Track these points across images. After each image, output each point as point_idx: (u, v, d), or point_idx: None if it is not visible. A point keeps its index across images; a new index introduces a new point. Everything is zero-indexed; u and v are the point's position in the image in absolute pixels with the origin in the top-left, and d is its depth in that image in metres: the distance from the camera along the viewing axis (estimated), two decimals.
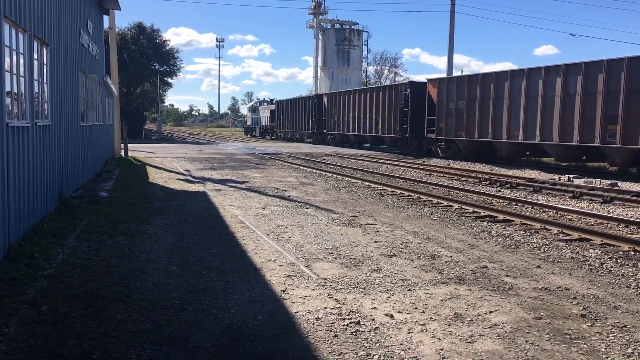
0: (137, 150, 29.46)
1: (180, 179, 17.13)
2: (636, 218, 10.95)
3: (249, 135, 64.73)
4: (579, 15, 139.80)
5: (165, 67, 53.63)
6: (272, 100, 61.13)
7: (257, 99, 67.65)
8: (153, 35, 51.75)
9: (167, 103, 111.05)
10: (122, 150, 25.63)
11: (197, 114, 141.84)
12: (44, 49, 9.79)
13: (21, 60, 8.15)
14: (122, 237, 8.38)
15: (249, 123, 67.13)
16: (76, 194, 12.30)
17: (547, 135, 21.06)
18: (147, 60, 50.76)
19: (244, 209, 11.57)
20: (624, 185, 16.20)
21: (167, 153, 29.39)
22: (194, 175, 18.56)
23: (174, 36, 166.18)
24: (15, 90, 7.81)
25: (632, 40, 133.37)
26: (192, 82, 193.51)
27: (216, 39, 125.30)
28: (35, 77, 9.01)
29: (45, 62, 9.84)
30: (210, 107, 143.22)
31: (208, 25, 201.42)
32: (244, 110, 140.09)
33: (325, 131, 40.99)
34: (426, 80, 29.01)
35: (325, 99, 41.33)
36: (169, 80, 57.20)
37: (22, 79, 8.18)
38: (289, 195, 13.74)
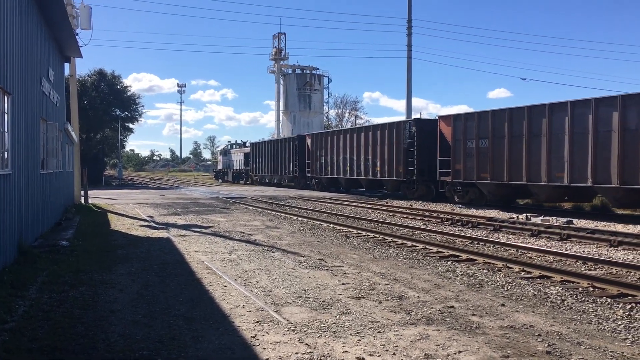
0: (98, 197, 28.95)
1: (143, 226, 16.89)
2: (592, 255, 11.32)
3: (219, 180, 61.75)
4: (530, 60, 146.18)
5: (127, 113, 53.30)
6: (244, 142, 59.26)
7: (229, 142, 64.24)
8: (114, 81, 51.61)
9: (127, 148, 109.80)
10: (82, 197, 25.15)
11: (158, 158, 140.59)
12: (6, 97, 9.70)
13: None
14: (85, 287, 8.20)
15: (220, 167, 63.63)
16: (36, 243, 11.99)
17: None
18: (108, 106, 50.42)
19: (210, 254, 11.48)
20: (579, 223, 16.74)
21: (129, 199, 28.94)
22: (157, 221, 18.32)
23: (135, 81, 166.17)
24: None
25: (577, 83, 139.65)
26: (154, 127, 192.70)
27: (177, 84, 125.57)
28: None
29: (6, 111, 9.74)
30: (172, 151, 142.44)
31: (170, 71, 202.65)
32: (206, 154, 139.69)
33: (309, 175, 38.05)
34: (437, 117, 25.85)
35: (308, 140, 38.31)
36: (130, 125, 56.78)
37: None
38: (255, 239, 13.70)
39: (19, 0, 10.73)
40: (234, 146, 60.54)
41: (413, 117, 39.71)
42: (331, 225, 16.88)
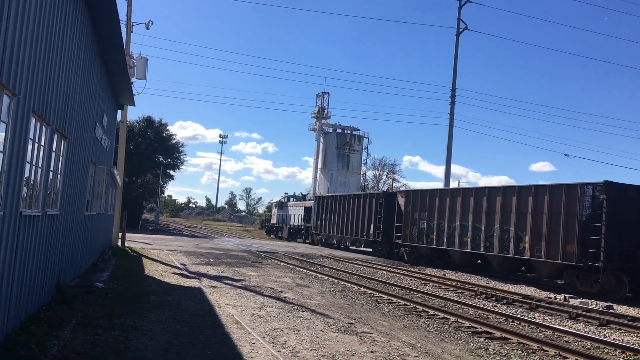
0: (134, 241, 29.45)
1: (176, 273, 17.07)
2: (632, 344, 10.88)
3: (272, 236, 54.69)
4: (574, 137, 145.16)
5: (169, 160, 54.79)
6: (304, 195, 54.21)
7: (286, 193, 56.54)
8: (160, 128, 53.35)
9: (166, 194, 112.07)
10: (120, 240, 25.66)
11: (194, 206, 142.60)
12: (63, 141, 10.21)
13: (41, 152, 8.51)
14: (117, 332, 8.32)
15: (274, 221, 55.83)
16: (72, 283, 12.26)
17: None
18: (152, 153, 51.97)
19: (240, 308, 11.51)
20: (620, 309, 16.15)
21: (164, 245, 29.36)
22: (190, 269, 18.50)
23: (181, 129, 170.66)
24: (32, 179, 8.10)
25: (620, 163, 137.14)
26: (193, 174, 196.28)
27: (220, 134, 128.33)
28: (51, 167, 9.35)
29: (62, 154, 10.23)
30: (208, 200, 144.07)
31: (215, 121, 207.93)
32: (241, 205, 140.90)
33: (398, 241, 29.96)
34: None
35: (401, 199, 30.27)
36: (171, 172, 58.19)
37: (39, 170, 8.49)
38: (285, 297, 13.68)
39: (84, 50, 11.44)
40: (292, 199, 53.79)
41: (451, 184, 39.83)
42: (362, 289, 16.72)
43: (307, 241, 45.06)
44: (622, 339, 11.46)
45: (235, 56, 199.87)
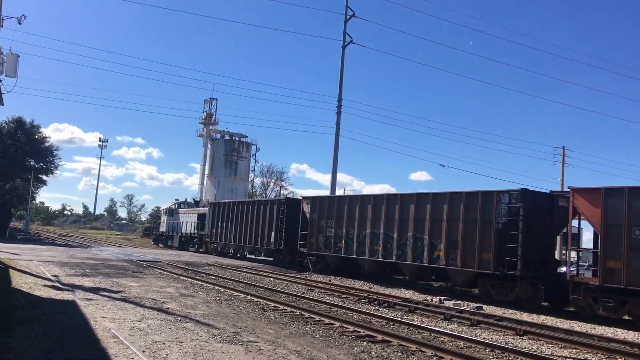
0: (0, 251, 27.03)
1: (48, 285, 15.88)
2: (500, 342, 11.72)
3: (161, 245, 51.75)
4: (449, 148, 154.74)
5: (42, 164, 51.01)
6: (197, 202, 51.81)
7: (176, 199, 53.51)
8: (32, 130, 49.59)
9: (38, 200, 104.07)
10: None
11: (70, 213, 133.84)
12: None
13: None
14: None
15: (163, 229, 52.90)
16: None
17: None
18: (23, 156, 48.17)
19: (118, 321, 10.93)
20: (488, 309, 17.34)
21: (34, 255, 27.20)
22: (63, 281, 17.30)
23: (56, 132, 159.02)
24: None
25: (490, 175, 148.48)
26: (69, 180, 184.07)
27: (100, 138, 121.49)
28: None
29: None
30: (86, 207, 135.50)
31: (95, 124, 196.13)
32: (122, 212, 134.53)
33: (303, 250, 28.98)
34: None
35: (306, 206, 28.97)
36: (44, 177, 54.21)
37: None
38: (168, 308, 13.20)
39: None
40: (183, 205, 51.13)
41: (337, 192, 40.36)
42: (248, 297, 16.57)
43: (201, 250, 42.92)
44: (491, 338, 12.30)
45: (117, 57, 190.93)
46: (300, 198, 30.29)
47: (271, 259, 33.80)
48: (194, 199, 54.53)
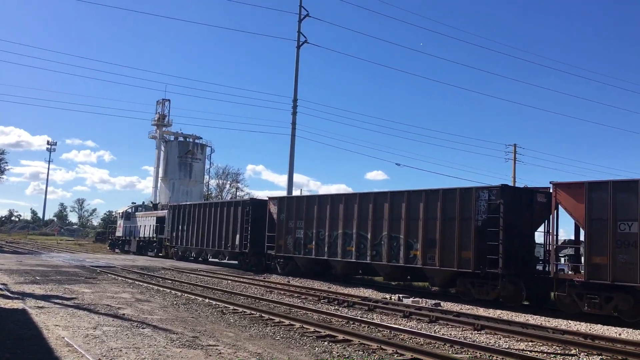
0: None
1: None
2: (458, 338, 11.91)
3: (117, 250, 49.93)
4: (404, 147, 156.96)
5: None
6: (155, 205, 50.10)
7: (133, 202, 51.70)
8: None
9: None
10: None
11: (17, 219, 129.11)
12: None
13: None
14: None
15: (119, 234, 50.55)
16: None
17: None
18: None
19: (72, 329, 10.57)
20: (446, 306, 17.62)
21: None
22: (12, 289, 16.63)
23: (2, 135, 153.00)
24: None
25: (445, 173, 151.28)
26: (16, 185, 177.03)
27: (48, 141, 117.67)
28: None
29: None
30: (34, 212, 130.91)
31: (42, 127, 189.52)
32: (73, 217, 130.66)
33: (271, 252, 28.34)
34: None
35: (272, 207, 28.29)
36: None
37: None
38: (124, 314, 12.85)
39: None
40: (141, 208, 49.40)
41: (294, 192, 40.20)
42: (207, 300, 16.32)
43: (161, 254, 41.52)
44: (450, 334, 12.49)
45: (64, 57, 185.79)
46: (267, 199, 29.35)
47: (236, 262, 32.89)
48: (151, 202, 53.01)
